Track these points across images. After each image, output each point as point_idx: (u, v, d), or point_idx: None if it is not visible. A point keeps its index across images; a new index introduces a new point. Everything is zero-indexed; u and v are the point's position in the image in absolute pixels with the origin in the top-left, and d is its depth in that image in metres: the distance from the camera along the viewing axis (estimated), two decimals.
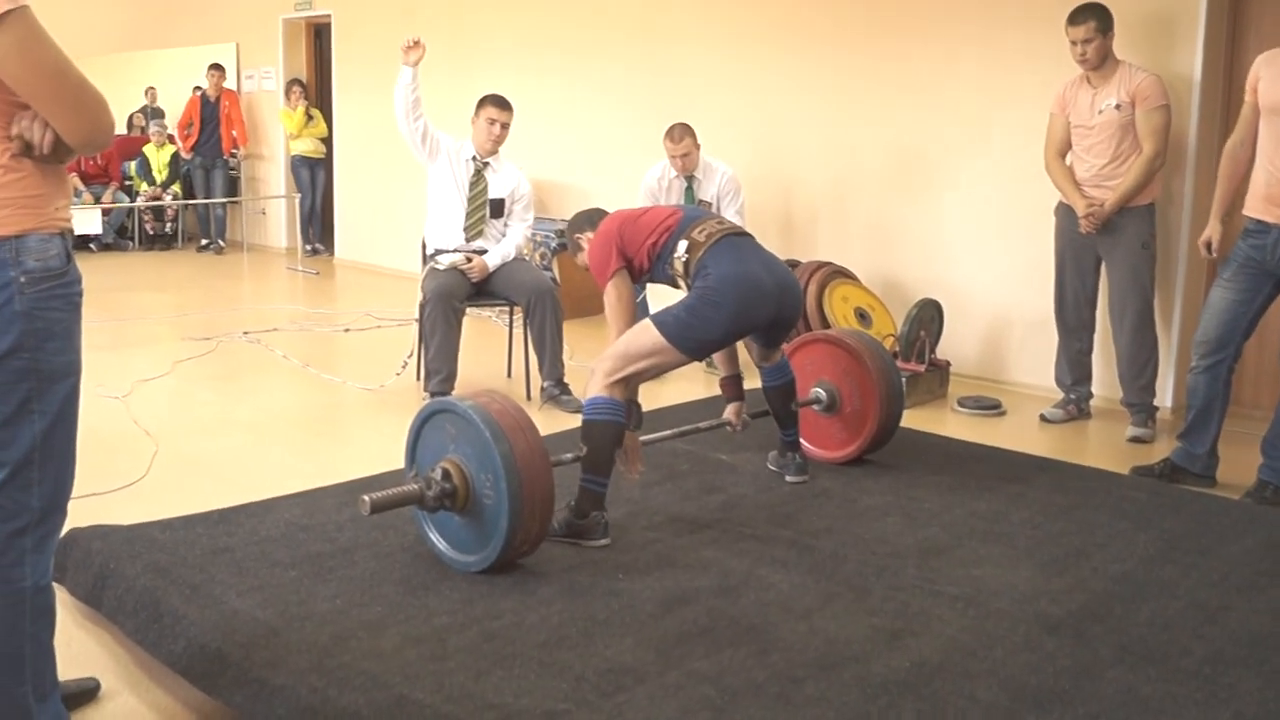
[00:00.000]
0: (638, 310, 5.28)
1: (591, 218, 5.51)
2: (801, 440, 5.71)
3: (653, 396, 5.40)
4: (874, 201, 8.69)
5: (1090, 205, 6.81)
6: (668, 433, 5.51)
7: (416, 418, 4.56)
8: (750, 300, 4.86)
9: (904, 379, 7.05)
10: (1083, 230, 6.87)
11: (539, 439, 4.31)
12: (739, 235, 5.08)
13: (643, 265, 5.16)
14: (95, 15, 17.59)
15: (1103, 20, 6.67)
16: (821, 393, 5.90)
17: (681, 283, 5.06)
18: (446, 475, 4.31)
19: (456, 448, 4.35)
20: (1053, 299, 7.25)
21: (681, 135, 8.01)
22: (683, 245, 5.00)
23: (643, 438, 5.16)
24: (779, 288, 4.97)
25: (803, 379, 5.83)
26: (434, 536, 4.48)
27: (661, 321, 4.82)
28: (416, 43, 7.18)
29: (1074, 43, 6.74)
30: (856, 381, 5.81)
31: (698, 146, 8.09)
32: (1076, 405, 7.22)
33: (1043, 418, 7.20)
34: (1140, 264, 6.85)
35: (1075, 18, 6.73)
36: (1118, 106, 6.71)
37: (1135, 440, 6.79)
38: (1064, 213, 7.08)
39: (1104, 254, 6.96)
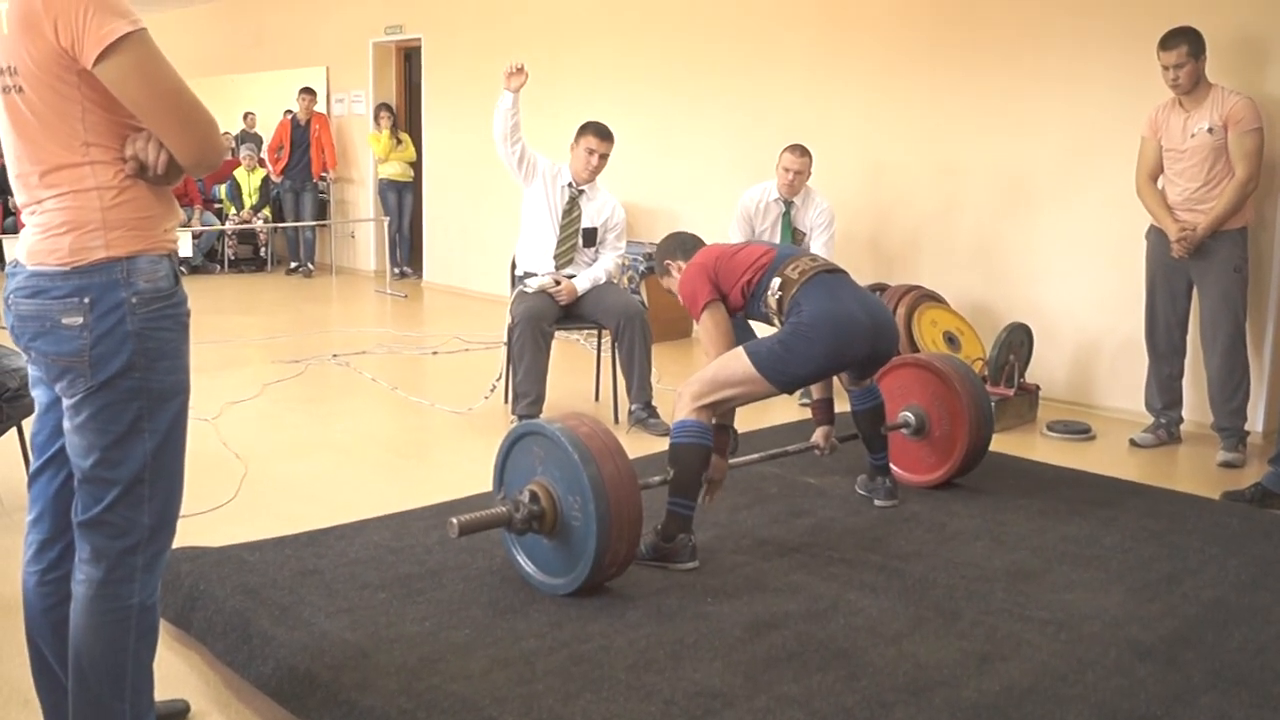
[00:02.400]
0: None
1: (684, 245, 5.48)
2: (893, 466, 5.70)
3: (742, 420, 5.40)
4: (972, 225, 8.64)
5: (1183, 229, 6.74)
6: (755, 456, 5.51)
7: (505, 440, 4.58)
8: (845, 337, 4.84)
9: (993, 403, 7.03)
10: (1175, 254, 6.80)
11: (627, 461, 4.32)
12: (832, 273, 5.05)
13: (736, 303, 5.15)
14: (189, 39, 17.91)
15: (1194, 44, 6.61)
16: (910, 416, 5.88)
17: (775, 319, 5.05)
18: (534, 498, 4.33)
19: (545, 470, 4.37)
20: (1143, 323, 7.18)
21: (804, 153, 7.99)
22: (776, 282, 4.99)
23: (730, 460, 5.16)
24: (874, 325, 4.95)
25: (891, 403, 5.82)
26: (522, 559, 4.50)
27: (754, 351, 4.81)
28: (520, 69, 7.22)
29: (1166, 68, 6.69)
30: (945, 405, 5.78)
31: (810, 172, 8.08)
32: (1167, 430, 7.14)
33: (1133, 442, 7.12)
34: (1232, 288, 6.77)
35: (1166, 43, 6.67)
36: (1210, 130, 6.64)
37: (1226, 465, 6.70)
38: (1155, 236, 7.01)
39: (1196, 278, 6.88)
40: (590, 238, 7.47)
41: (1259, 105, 6.65)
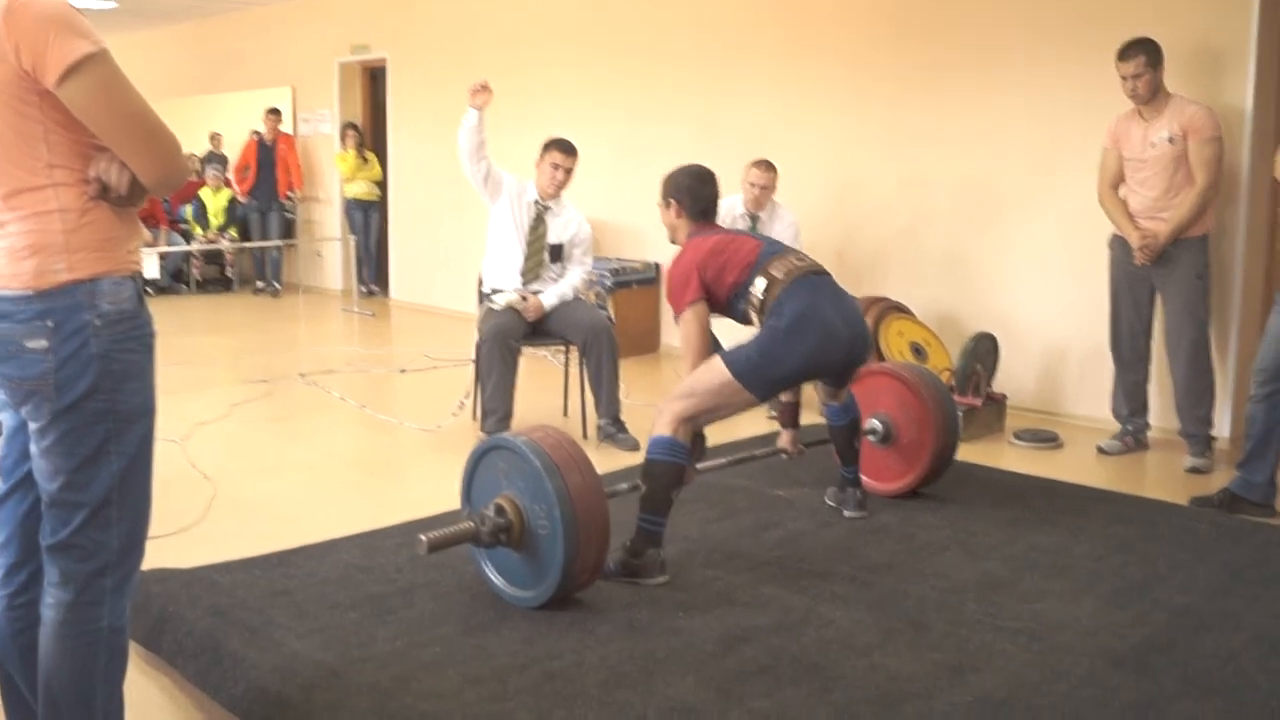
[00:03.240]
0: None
1: (693, 196, 5.30)
2: (860, 475, 5.72)
3: (710, 433, 5.41)
4: (937, 238, 8.67)
5: (1145, 237, 6.79)
6: (722, 460, 5.53)
7: (470, 457, 4.60)
8: (822, 344, 4.85)
9: (960, 412, 7.05)
10: (1138, 262, 6.84)
11: (591, 468, 4.35)
12: (818, 274, 5.03)
13: (720, 301, 5.11)
14: (155, 60, 17.87)
15: (1152, 54, 6.67)
16: (877, 424, 5.92)
17: (755, 318, 5.02)
18: (501, 510, 4.35)
19: (510, 483, 4.38)
20: (1108, 331, 7.22)
21: (769, 167, 8.03)
22: (760, 282, 4.95)
23: (698, 465, 5.16)
24: (850, 334, 4.95)
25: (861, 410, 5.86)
26: (491, 573, 4.52)
27: (732, 360, 4.81)
28: (484, 86, 7.22)
29: (1124, 78, 6.75)
30: (912, 413, 5.82)
31: (775, 187, 8.10)
32: (1134, 437, 7.17)
33: (1100, 450, 7.15)
34: (1195, 295, 6.82)
35: (1124, 53, 6.74)
36: (1170, 139, 6.69)
37: (1193, 470, 6.74)
38: (1118, 245, 7.06)
39: (1159, 285, 6.93)
40: (557, 253, 7.48)
41: (1217, 114, 6.70)
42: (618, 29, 11.04)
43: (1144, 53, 6.67)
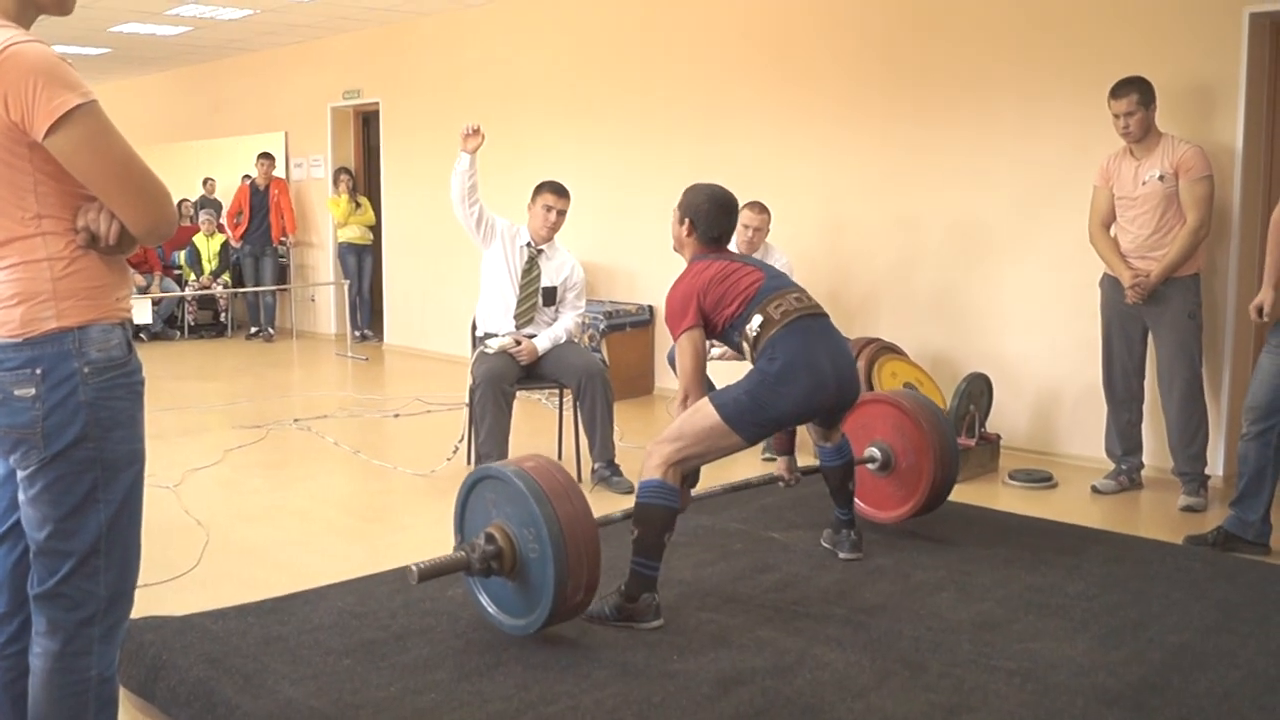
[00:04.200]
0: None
1: (709, 220, 5.25)
2: (857, 500, 5.71)
3: (710, 475, 5.42)
4: (930, 278, 8.69)
5: (1136, 276, 6.81)
6: (717, 489, 5.53)
7: (460, 490, 4.63)
8: (811, 391, 4.83)
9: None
10: (1129, 300, 6.86)
11: (577, 489, 4.38)
12: (813, 317, 4.99)
13: (716, 329, 5.09)
14: (148, 106, 17.93)
15: (1144, 93, 6.71)
16: (876, 452, 5.91)
17: (748, 351, 5.00)
18: (491, 539, 4.37)
19: (499, 511, 4.40)
20: (1101, 370, 7.24)
21: (762, 209, 8.03)
22: (757, 320, 4.92)
23: (694, 491, 5.17)
24: (839, 381, 4.93)
25: (858, 439, 5.88)
26: (487, 603, 4.54)
27: (721, 404, 4.80)
28: (476, 130, 7.24)
29: (1116, 115, 6.78)
30: (910, 440, 5.82)
31: (769, 229, 8.11)
32: (1128, 476, 7.17)
33: (1094, 489, 7.14)
34: (1187, 334, 6.84)
35: (1117, 91, 6.77)
36: (1161, 178, 6.72)
37: (1187, 509, 6.74)
38: (1110, 284, 7.08)
39: (1150, 324, 6.95)
40: (550, 297, 7.48)
41: (1208, 153, 6.72)
42: (609, 72, 11.08)
43: (1136, 91, 6.71)
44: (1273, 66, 7.23)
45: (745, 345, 5.00)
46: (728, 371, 6.06)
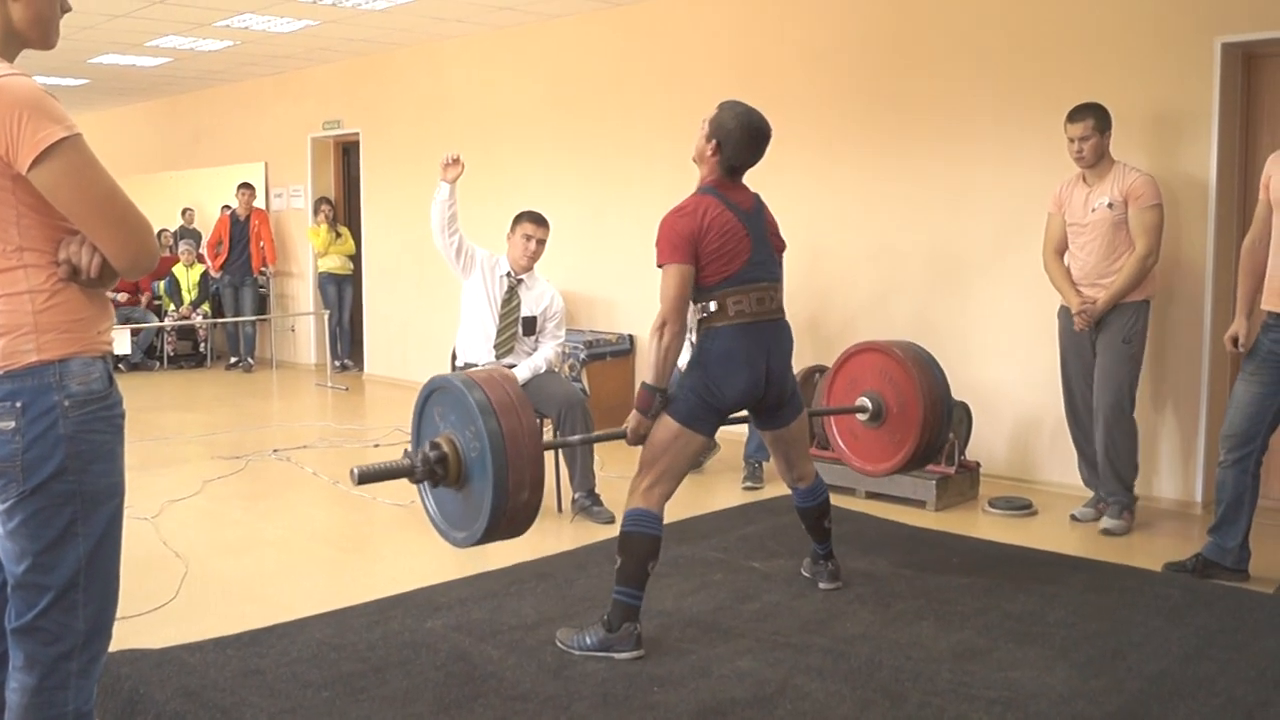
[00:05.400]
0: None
1: (738, 145, 5.12)
2: (849, 454, 5.73)
3: (686, 505, 5.42)
4: (908, 306, 8.70)
5: (1084, 303, 6.85)
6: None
7: (418, 397, 4.56)
8: (749, 384, 4.88)
9: (934, 480, 7.07)
10: (1076, 328, 6.90)
11: (530, 414, 4.28)
12: (767, 323, 4.97)
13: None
14: (127, 137, 17.92)
15: (1100, 119, 6.74)
16: (866, 402, 5.88)
17: (690, 320, 4.96)
18: (435, 446, 4.31)
19: (445, 422, 4.36)
20: (1063, 401, 7.27)
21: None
22: (713, 305, 4.87)
23: (673, 520, 5.18)
24: (770, 379, 4.96)
25: (849, 392, 5.95)
26: (434, 511, 4.51)
27: (674, 411, 4.83)
28: (456, 160, 7.23)
29: (1071, 139, 6.81)
30: (900, 388, 5.79)
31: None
32: (1106, 503, 7.16)
33: (1073, 517, 7.15)
34: (1117, 358, 6.83)
35: (1074, 115, 6.80)
36: (1110, 205, 6.74)
37: (1106, 532, 6.80)
38: (1065, 314, 7.10)
39: (1098, 351, 6.96)
40: (530, 326, 7.47)
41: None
42: (588, 102, 11.11)
43: (1093, 116, 6.73)
44: (1244, 96, 7.28)
45: (691, 312, 4.94)
46: None
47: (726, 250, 4.89)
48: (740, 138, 5.07)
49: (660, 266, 4.88)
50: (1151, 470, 7.42)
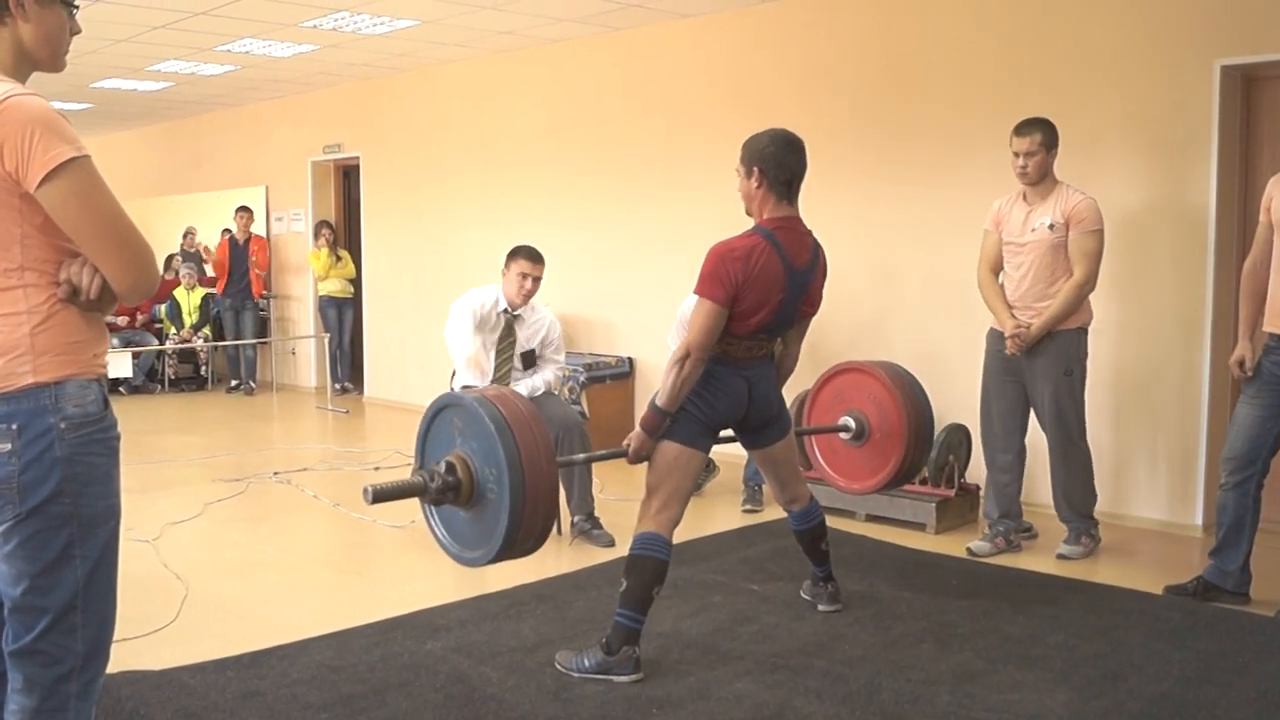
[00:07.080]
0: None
1: (779, 160, 5.15)
2: (830, 472, 5.74)
3: (690, 527, 5.42)
4: (908, 328, 8.71)
5: (1017, 327, 6.65)
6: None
7: (426, 413, 4.54)
8: (733, 404, 4.95)
9: (934, 503, 7.06)
10: (1007, 351, 6.70)
11: (544, 431, 4.27)
12: (755, 361, 5.02)
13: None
14: (129, 160, 17.94)
15: (1048, 135, 6.56)
16: (850, 421, 5.88)
17: None
18: (451, 469, 4.27)
19: (463, 442, 4.33)
20: (980, 427, 7.12)
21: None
22: (720, 347, 4.87)
23: (675, 541, 5.18)
24: (753, 402, 5.02)
25: (834, 409, 5.96)
26: (439, 531, 4.48)
27: (671, 433, 4.84)
28: None
29: (1016, 154, 6.61)
30: (885, 410, 5.80)
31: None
32: (1004, 537, 6.88)
33: (969, 551, 6.87)
34: (1061, 390, 6.66)
35: (1021, 129, 6.62)
36: (1051, 226, 6.55)
37: (1062, 557, 6.73)
38: (994, 336, 6.92)
39: (1027, 379, 6.76)
40: (528, 359, 7.42)
41: (1100, 208, 6.55)
42: (586, 126, 11.13)
43: (1040, 131, 6.55)
44: (1244, 119, 7.29)
45: None
46: None
47: (761, 305, 4.86)
48: (777, 150, 5.10)
49: (697, 295, 4.84)
50: (1151, 493, 7.43)
